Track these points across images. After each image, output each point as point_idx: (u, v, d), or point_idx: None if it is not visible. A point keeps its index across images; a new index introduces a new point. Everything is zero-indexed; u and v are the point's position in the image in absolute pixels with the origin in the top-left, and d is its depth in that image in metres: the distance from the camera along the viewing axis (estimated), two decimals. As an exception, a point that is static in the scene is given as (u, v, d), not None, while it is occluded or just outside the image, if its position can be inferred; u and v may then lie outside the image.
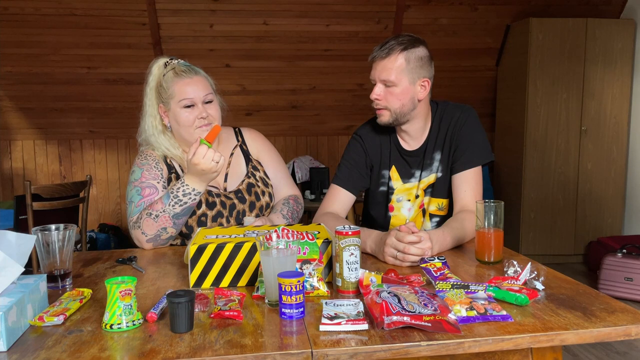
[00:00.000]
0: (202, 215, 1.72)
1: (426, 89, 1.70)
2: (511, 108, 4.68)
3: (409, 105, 1.69)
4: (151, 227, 1.62)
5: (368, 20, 4.49)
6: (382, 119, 1.72)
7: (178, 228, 1.66)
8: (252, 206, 1.78)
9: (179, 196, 1.61)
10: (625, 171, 4.53)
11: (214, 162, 1.56)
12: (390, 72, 1.64)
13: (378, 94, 1.68)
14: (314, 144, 5.16)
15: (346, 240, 1.21)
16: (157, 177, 1.73)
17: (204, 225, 1.71)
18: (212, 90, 1.77)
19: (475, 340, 0.98)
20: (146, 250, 1.66)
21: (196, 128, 1.71)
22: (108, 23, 4.22)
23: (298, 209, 1.87)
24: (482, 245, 1.43)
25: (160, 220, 1.62)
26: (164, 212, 1.61)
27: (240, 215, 1.76)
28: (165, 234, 1.65)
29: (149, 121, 1.77)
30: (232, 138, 1.90)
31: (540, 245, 4.54)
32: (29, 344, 1.00)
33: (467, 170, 1.72)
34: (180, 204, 1.62)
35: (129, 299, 1.05)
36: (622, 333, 1.03)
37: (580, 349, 2.91)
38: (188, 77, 1.71)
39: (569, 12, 4.59)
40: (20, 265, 1.08)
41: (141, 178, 1.72)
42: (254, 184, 1.81)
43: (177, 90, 1.70)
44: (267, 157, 1.92)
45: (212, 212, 1.73)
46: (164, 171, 1.76)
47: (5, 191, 4.84)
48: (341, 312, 1.07)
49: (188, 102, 1.70)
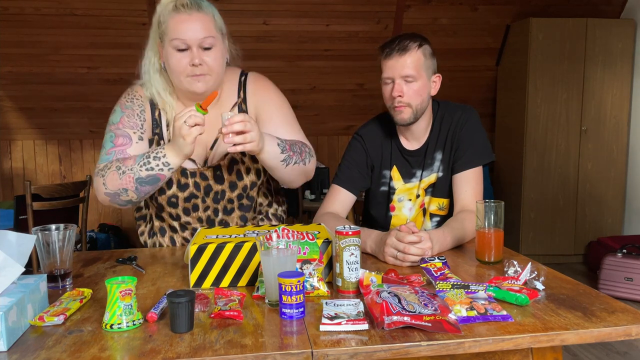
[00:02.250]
0: (173, 197, 1.59)
1: (437, 85, 1.73)
2: (511, 108, 4.68)
3: (426, 101, 1.70)
4: (114, 182, 1.46)
5: (368, 20, 4.49)
6: (404, 115, 1.68)
7: (140, 195, 1.49)
8: (232, 187, 1.60)
9: (150, 159, 1.44)
10: (625, 171, 4.53)
11: (186, 126, 1.35)
12: (412, 67, 1.64)
13: (400, 91, 1.65)
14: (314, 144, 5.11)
15: (346, 240, 1.21)
16: (135, 126, 1.55)
17: (175, 206, 1.61)
18: (217, 33, 1.49)
19: (476, 340, 0.98)
20: (147, 250, 1.66)
21: (187, 77, 1.47)
22: (108, 23, 4.22)
23: (304, 149, 1.59)
24: (482, 245, 1.43)
25: (124, 179, 1.45)
26: (131, 172, 1.44)
27: (219, 196, 1.61)
28: (125, 196, 1.48)
29: (149, 55, 1.57)
30: (233, 94, 1.64)
31: (540, 245, 4.54)
32: (29, 344, 1.00)
33: (467, 170, 1.72)
34: (147, 168, 1.44)
35: (129, 299, 1.04)
36: (622, 333, 1.03)
37: (580, 349, 2.91)
38: (186, 13, 1.44)
39: (569, 12, 4.59)
40: (20, 265, 1.08)
41: (118, 123, 1.54)
42: (237, 160, 1.61)
43: (172, 27, 1.45)
44: (266, 114, 1.61)
45: (184, 194, 1.59)
46: (147, 122, 1.58)
47: (5, 191, 4.84)
48: (341, 312, 1.07)
49: (180, 44, 1.44)
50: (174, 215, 1.66)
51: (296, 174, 1.60)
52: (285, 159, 1.53)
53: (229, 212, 1.68)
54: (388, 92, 1.69)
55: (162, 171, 1.45)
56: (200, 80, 1.49)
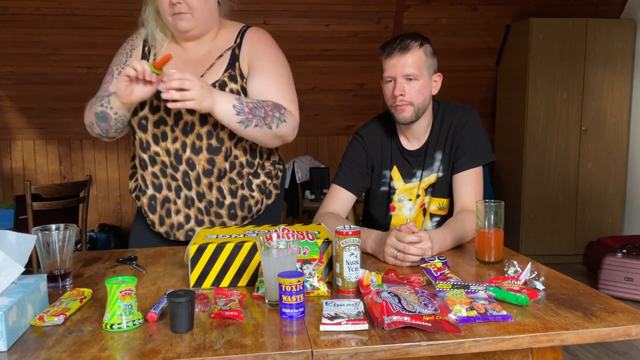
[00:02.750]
0: (143, 118, 1.58)
1: (438, 84, 1.73)
2: (511, 108, 4.68)
3: (428, 99, 1.70)
4: (87, 116, 1.60)
5: (368, 20, 4.49)
6: (405, 114, 1.68)
7: (103, 131, 1.58)
8: (202, 120, 1.55)
9: (104, 94, 1.54)
10: (625, 171, 4.53)
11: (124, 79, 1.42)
12: (414, 66, 1.64)
13: (402, 90, 1.65)
14: (314, 143, 5.16)
15: (346, 240, 1.21)
16: (120, 63, 1.63)
17: (145, 129, 1.59)
18: None
19: (476, 340, 0.98)
20: (147, 250, 1.66)
21: (169, 15, 1.52)
22: (108, 23, 4.22)
23: (273, 113, 1.52)
24: (482, 245, 1.43)
25: (90, 113, 1.58)
26: (93, 107, 1.56)
27: (188, 128, 1.56)
28: (95, 129, 1.60)
29: None
30: (230, 39, 1.64)
31: (540, 245, 4.54)
32: (29, 344, 1.00)
33: (467, 170, 1.72)
34: (100, 104, 1.53)
35: (129, 299, 1.04)
36: (622, 333, 1.03)
37: (580, 349, 2.91)
38: None
39: (569, 12, 4.59)
40: (20, 265, 1.08)
41: (112, 62, 1.65)
42: None
43: None
44: (258, 63, 1.60)
45: (155, 117, 1.58)
46: (135, 58, 1.65)
47: (5, 191, 4.84)
48: (341, 312, 1.07)
49: None
50: (144, 143, 1.61)
51: (260, 136, 1.55)
52: (242, 120, 1.49)
53: (196, 150, 1.57)
54: (389, 91, 1.69)
55: (107, 109, 1.53)
56: (181, 18, 1.52)
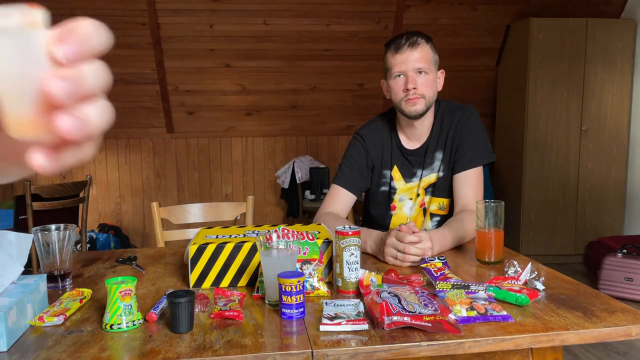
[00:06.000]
0: None
1: (441, 81, 1.76)
2: (511, 108, 4.68)
3: (435, 94, 1.73)
4: None
5: (368, 20, 4.49)
6: (417, 107, 1.68)
7: None
8: None
9: None
10: (625, 171, 4.52)
11: None
12: (424, 60, 1.67)
13: (415, 82, 1.66)
14: (314, 144, 5.16)
15: (346, 240, 1.21)
16: None
17: None
18: None
19: (476, 341, 0.98)
20: (146, 250, 1.66)
21: None
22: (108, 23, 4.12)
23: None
24: (482, 245, 1.43)
25: None
26: None
27: None
28: None
29: None
30: None
31: (540, 245, 4.54)
32: (29, 344, 1.00)
33: (468, 170, 1.72)
34: None
35: (129, 299, 1.04)
36: (623, 333, 1.03)
37: (580, 349, 2.90)
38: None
39: (569, 12, 4.59)
40: (20, 265, 1.08)
41: None
42: None
43: None
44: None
45: None
46: None
47: (5, 191, 4.84)
48: (341, 312, 1.07)
49: None
50: None
51: None
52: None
53: None
54: (399, 86, 1.68)
55: None
56: None
